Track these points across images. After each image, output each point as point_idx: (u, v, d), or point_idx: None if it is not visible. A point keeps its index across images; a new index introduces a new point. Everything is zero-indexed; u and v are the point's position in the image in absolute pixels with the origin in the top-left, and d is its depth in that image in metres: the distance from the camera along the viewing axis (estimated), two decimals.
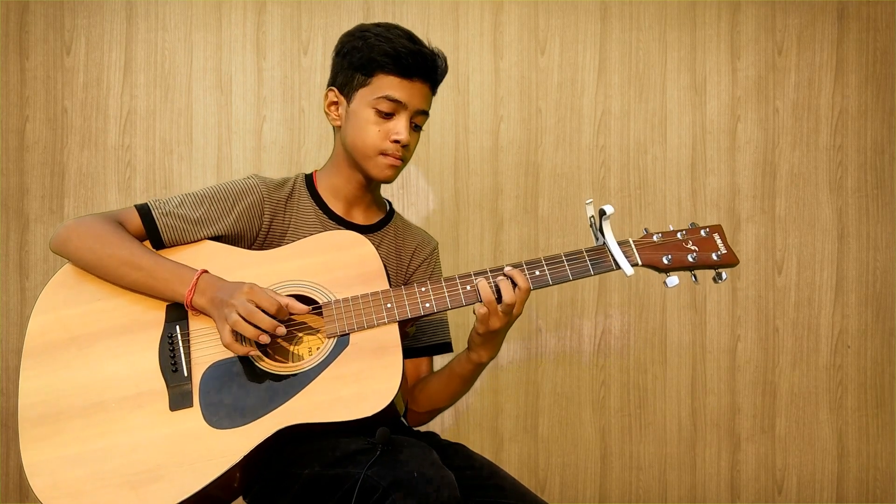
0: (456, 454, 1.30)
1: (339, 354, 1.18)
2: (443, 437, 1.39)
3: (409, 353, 1.40)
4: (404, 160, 1.32)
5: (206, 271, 1.21)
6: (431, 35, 1.33)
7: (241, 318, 1.13)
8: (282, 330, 1.16)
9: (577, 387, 2.11)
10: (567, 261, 1.24)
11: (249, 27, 2.06)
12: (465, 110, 2.08)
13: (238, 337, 1.16)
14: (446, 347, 1.46)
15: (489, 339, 1.25)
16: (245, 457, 1.11)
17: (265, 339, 1.15)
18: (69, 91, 2.04)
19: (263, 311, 1.14)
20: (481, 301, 1.20)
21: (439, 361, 1.44)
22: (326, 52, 2.07)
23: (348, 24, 2.06)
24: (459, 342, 1.50)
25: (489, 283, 1.21)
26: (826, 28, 2.13)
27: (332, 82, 1.36)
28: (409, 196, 2.08)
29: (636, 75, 2.11)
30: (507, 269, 1.22)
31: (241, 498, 1.26)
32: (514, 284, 1.20)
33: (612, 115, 2.11)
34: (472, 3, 2.09)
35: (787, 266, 2.13)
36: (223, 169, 2.05)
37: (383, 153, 1.30)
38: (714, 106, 2.12)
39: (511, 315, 1.21)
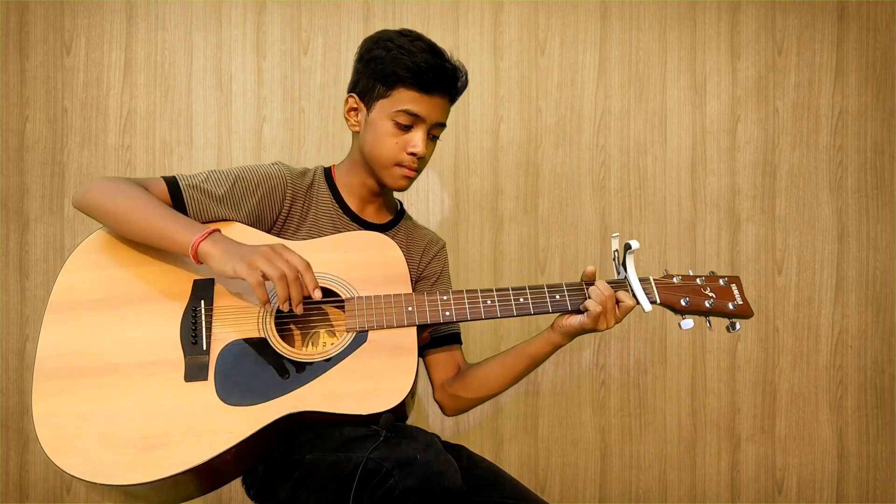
0: (457, 456, 1.30)
1: (356, 349, 1.20)
2: (443, 438, 1.39)
3: (435, 343, 1.45)
4: (419, 171, 1.36)
5: (219, 230, 1.21)
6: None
7: (278, 271, 1.13)
8: (317, 294, 1.15)
9: (577, 387, 2.10)
10: (588, 290, 1.26)
11: (249, 27, 2.06)
12: (465, 110, 2.08)
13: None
14: (457, 338, 1.50)
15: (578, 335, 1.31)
16: (250, 437, 1.11)
17: (299, 308, 1.16)
18: (69, 91, 2.04)
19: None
20: (581, 308, 1.26)
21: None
22: (326, 52, 2.07)
23: (348, 24, 2.08)
24: (467, 344, 1.54)
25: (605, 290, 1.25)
26: (826, 28, 2.13)
27: (353, 88, 1.37)
28: (410, 196, 2.08)
29: (636, 75, 2.11)
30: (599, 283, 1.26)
31: (244, 497, 1.26)
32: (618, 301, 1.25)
33: (612, 115, 2.11)
34: (472, 3, 2.09)
35: (787, 266, 2.13)
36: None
37: (399, 164, 1.33)
38: (714, 106, 2.12)
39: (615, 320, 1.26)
